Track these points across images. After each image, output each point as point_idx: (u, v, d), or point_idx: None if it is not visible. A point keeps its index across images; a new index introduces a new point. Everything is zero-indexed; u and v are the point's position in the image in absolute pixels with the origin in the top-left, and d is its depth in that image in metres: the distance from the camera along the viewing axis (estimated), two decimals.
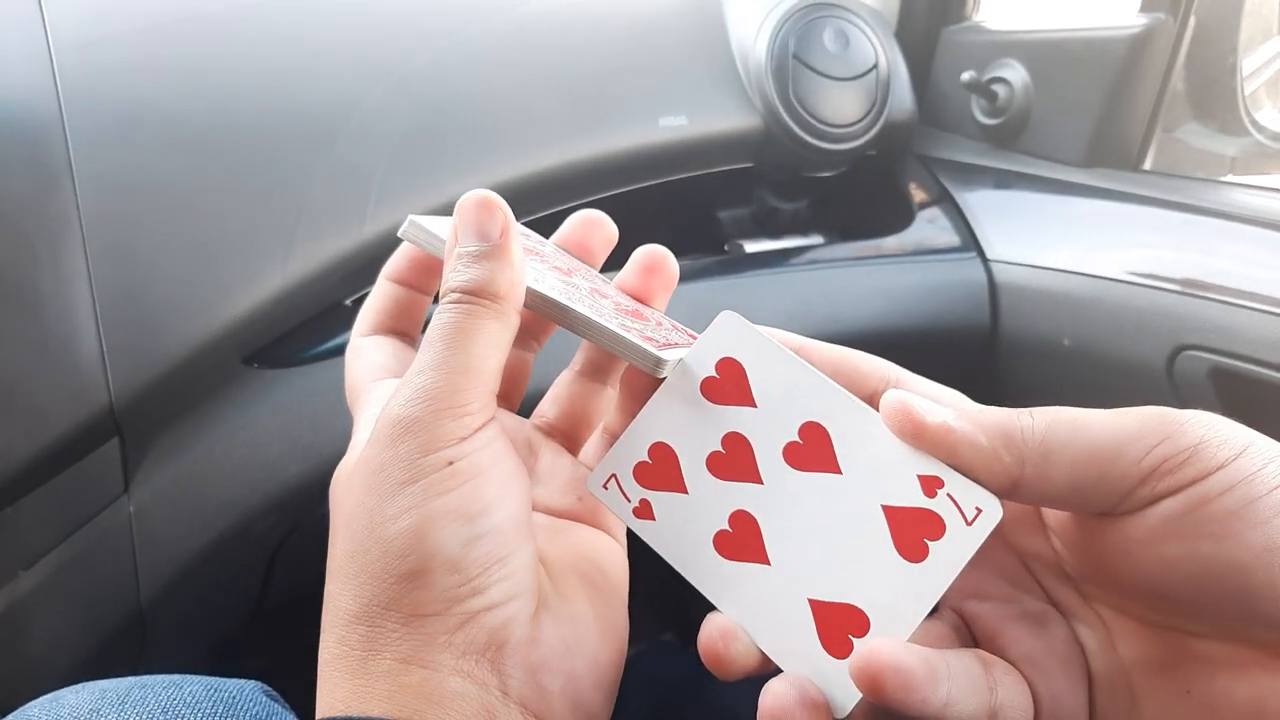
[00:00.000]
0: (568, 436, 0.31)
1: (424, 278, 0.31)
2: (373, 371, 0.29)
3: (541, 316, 0.27)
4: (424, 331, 0.25)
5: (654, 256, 0.30)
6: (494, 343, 0.24)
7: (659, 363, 0.25)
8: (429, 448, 0.23)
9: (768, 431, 0.24)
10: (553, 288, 0.26)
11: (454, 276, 0.25)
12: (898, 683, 0.20)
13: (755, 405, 0.25)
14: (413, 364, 0.24)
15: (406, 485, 0.22)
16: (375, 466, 0.23)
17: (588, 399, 0.30)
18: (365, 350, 0.30)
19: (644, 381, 0.27)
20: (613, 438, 0.29)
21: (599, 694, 0.25)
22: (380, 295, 0.31)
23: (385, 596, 0.22)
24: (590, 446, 0.30)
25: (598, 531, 0.29)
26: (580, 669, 0.24)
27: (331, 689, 0.22)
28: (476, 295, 0.24)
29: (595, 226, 0.31)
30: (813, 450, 0.24)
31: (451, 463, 0.23)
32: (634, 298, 0.30)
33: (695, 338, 0.27)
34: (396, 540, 0.22)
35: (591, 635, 0.25)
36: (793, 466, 0.24)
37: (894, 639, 0.21)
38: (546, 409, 0.31)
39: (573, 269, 0.30)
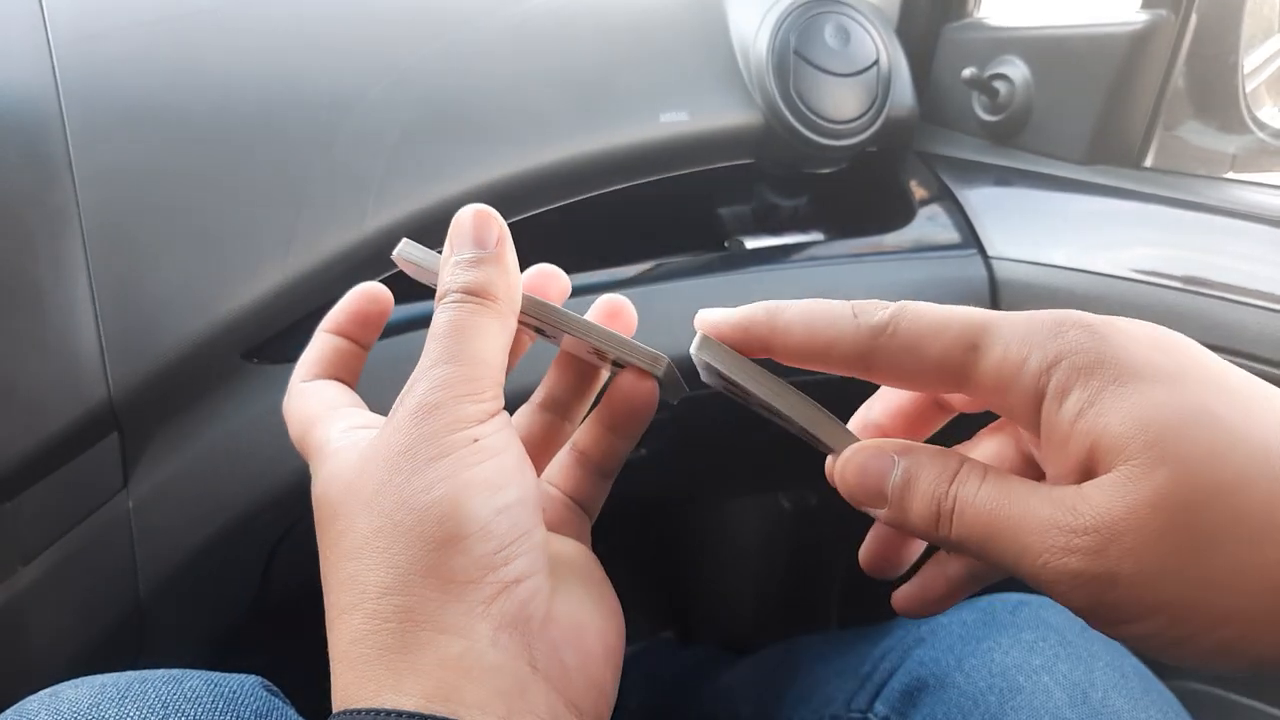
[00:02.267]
0: None
1: (363, 331, 0.31)
2: (327, 404, 0.29)
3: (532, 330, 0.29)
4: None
5: (614, 304, 0.31)
6: (496, 339, 0.25)
7: (656, 359, 0.27)
8: (454, 427, 0.24)
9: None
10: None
11: (453, 279, 0.25)
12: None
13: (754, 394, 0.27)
14: (422, 359, 0.25)
15: (436, 460, 0.23)
16: (400, 448, 0.24)
17: (546, 430, 0.31)
18: (311, 391, 0.30)
19: (634, 392, 0.28)
20: (581, 455, 0.30)
21: (610, 673, 0.26)
22: (319, 346, 0.31)
23: (423, 563, 0.22)
24: (555, 466, 0.31)
25: (567, 539, 0.30)
26: (592, 647, 0.25)
27: (359, 671, 0.22)
28: (476, 295, 0.25)
29: (551, 278, 0.32)
30: None
31: (477, 440, 0.24)
32: None
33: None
34: (433, 508, 0.23)
35: (597, 616, 0.26)
36: None
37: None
38: None
39: None
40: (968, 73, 0.71)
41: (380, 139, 0.52)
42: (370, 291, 0.31)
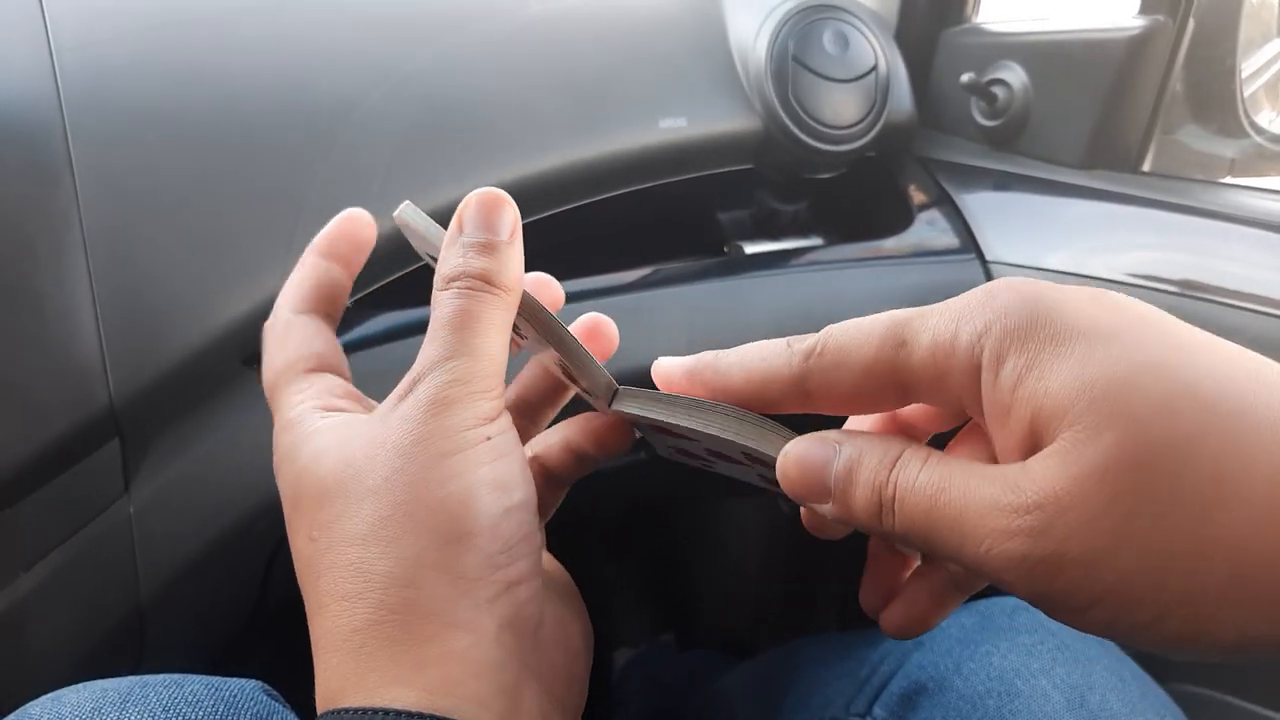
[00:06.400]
0: None
1: (352, 252, 0.31)
2: (309, 359, 0.29)
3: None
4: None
5: (596, 323, 0.31)
6: (503, 334, 0.25)
7: (609, 385, 0.27)
8: (468, 424, 0.24)
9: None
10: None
11: (463, 263, 0.25)
12: None
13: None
14: (431, 348, 0.24)
15: (452, 455, 0.23)
16: (415, 438, 0.23)
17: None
18: (298, 328, 0.29)
19: (608, 435, 0.29)
20: (542, 467, 0.30)
21: (586, 669, 0.27)
22: (309, 270, 0.31)
23: (432, 557, 0.22)
24: None
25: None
26: (576, 646, 0.26)
27: (359, 661, 0.22)
28: (490, 283, 0.25)
29: (545, 287, 0.32)
30: None
31: (490, 438, 0.24)
32: None
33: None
34: (447, 503, 0.23)
35: (574, 616, 0.27)
36: None
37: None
38: None
39: None
40: (966, 78, 0.71)
41: (380, 144, 0.52)
42: (358, 214, 0.31)
